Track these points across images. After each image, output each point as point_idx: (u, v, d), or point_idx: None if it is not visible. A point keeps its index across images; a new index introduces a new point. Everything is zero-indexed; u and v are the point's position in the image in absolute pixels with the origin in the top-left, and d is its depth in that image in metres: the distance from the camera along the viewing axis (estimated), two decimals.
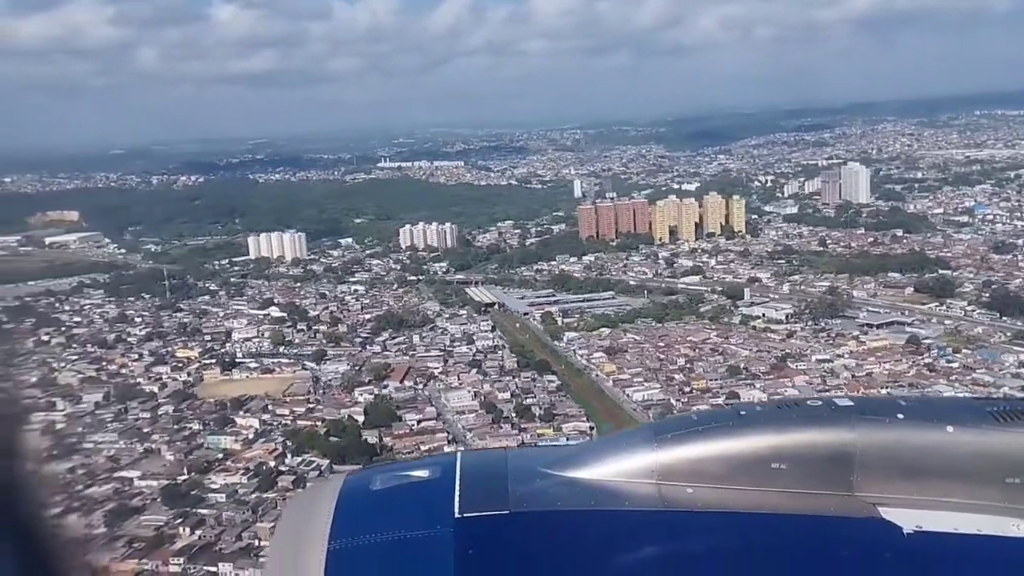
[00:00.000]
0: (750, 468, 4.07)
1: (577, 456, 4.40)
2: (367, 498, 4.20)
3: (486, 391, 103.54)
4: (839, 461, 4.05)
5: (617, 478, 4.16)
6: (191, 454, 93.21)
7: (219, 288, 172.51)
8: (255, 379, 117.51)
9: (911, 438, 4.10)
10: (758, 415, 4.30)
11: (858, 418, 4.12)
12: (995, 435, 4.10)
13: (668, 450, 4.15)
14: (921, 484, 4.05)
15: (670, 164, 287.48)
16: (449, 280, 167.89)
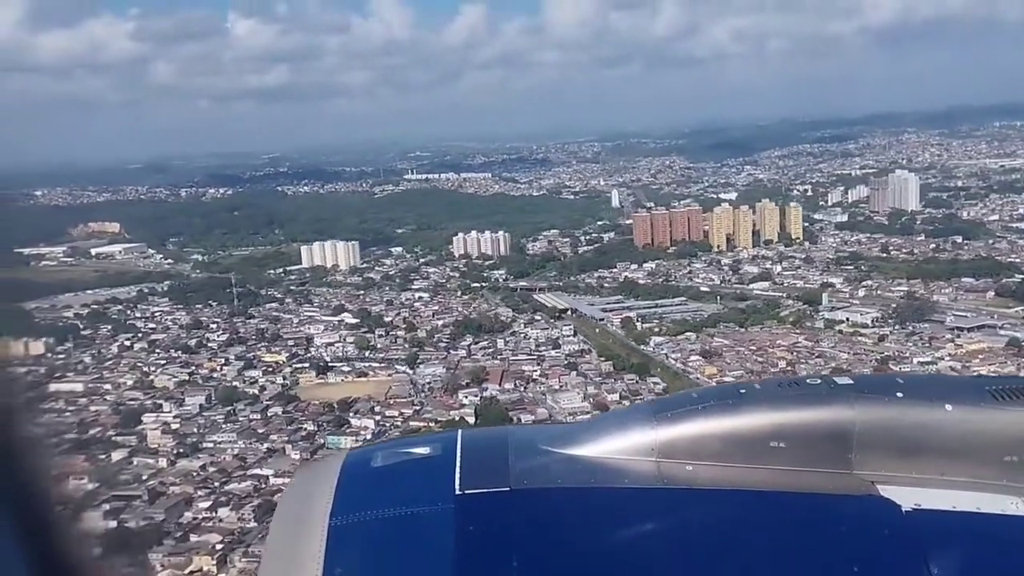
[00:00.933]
0: (749, 446, 4.12)
1: (577, 434, 4.45)
2: (368, 475, 4.28)
3: (591, 392, 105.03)
4: (838, 439, 4.10)
5: (617, 456, 4.20)
6: (315, 453, 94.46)
7: (283, 295, 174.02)
8: (350, 382, 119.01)
9: (910, 416, 4.15)
10: (757, 393, 4.37)
11: (857, 396, 4.16)
12: (993, 413, 4.15)
13: (668, 428, 4.20)
14: (919, 462, 4.11)
15: (698, 175, 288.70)
16: (513, 287, 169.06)
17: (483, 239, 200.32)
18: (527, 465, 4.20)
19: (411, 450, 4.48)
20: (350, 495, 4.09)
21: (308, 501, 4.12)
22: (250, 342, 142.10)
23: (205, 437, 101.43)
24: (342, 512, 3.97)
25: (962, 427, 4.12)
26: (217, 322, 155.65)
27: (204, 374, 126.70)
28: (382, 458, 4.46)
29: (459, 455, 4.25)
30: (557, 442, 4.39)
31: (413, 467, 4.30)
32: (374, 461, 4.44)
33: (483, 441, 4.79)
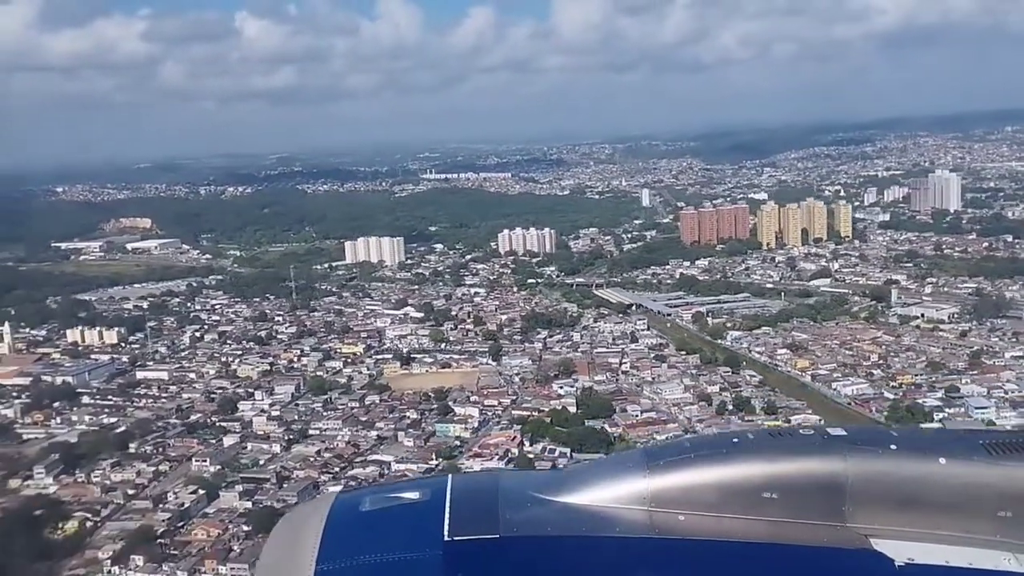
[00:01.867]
0: (742, 496, 4.07)
1: (568, 481, 4.44)
2: (356, 519, 4.22)
3: (689, 384, 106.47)
4: (831, 491, 4.05)
5: (609, 504, 4.15)
6: (428, 440, 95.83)
7: (338, 290, 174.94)
8: (435, 373, 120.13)
9: (903, 469, 4.09)
10: (751, 443, 4.33)
11: (850, 448, 4.12)
12: (987, 468, 4.10)
13: (660, 477, 4.16)
14: (913, 516, 4.05)
15: (719, 176, 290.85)
16: (569, 283, 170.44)
17: (528, 236, 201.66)
18: (517, 512, 4.13)
19: (400, 495, 4.41)
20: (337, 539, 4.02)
21: (295, 545, 4.05)
22: (320, 334, 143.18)
23: (310, 424, 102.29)
24: (329, 557, 3.89)
25: (956, 481, 4.07)
26: (281, 315, 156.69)
27: (284, 365, 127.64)
28: (370, 503, 4.38)
29: (448, 501, 4.18)
30: (547, 489, 4.34)
31: (402, 512, 4.24)
32: (362, 505, 4.36)
33: (473, 487, 4.72)
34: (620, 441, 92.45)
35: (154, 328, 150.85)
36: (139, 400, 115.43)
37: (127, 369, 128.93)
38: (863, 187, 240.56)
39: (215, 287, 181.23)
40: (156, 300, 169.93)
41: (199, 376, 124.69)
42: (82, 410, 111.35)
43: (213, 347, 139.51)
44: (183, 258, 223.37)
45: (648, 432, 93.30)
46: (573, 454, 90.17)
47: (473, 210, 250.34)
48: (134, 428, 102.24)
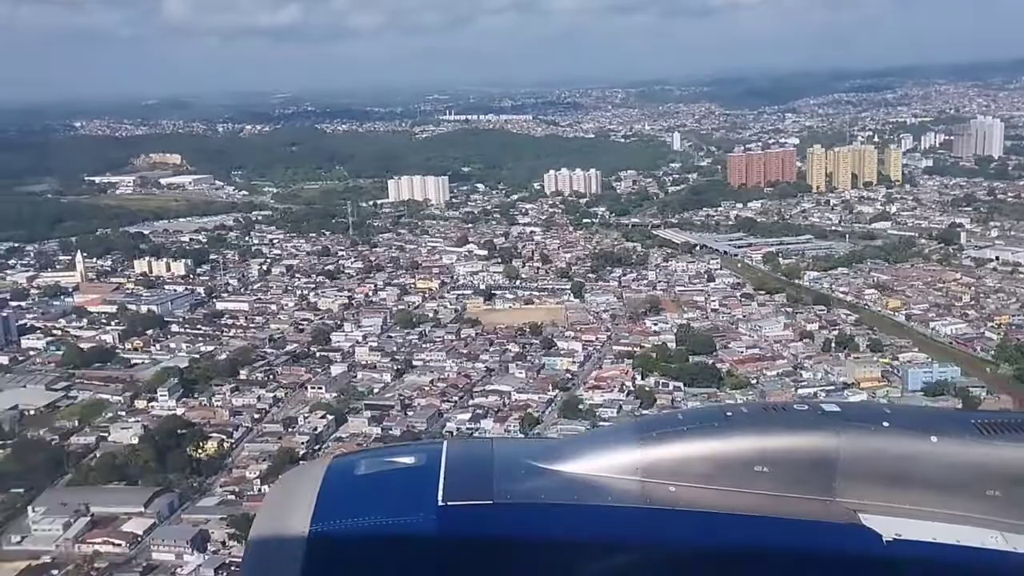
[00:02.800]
0: (733, 469, 4.11)
1: (562, 450, 4.48)
2: (351, 482, 4.24)
3: (785, 322, 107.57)
4: (822, 466, 4.09)
5: (601, 473, 4.20)
6: (540, 372, 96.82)
7: (392, 227, 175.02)
8: (519, 309, 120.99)
9: (894, 446, 4.14)
10: (744, 417, 4.36)
11: (843, 424, 4.16)
12: (977, 447, 4.14)
13: (653, 448, 4.20)
14: (902, 492, 4.09)
15: (742, 121, 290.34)
16: (624, 223, 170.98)
17: (575, 177, 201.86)
18: (511, 479, 4.18)
19: (395, 459, 4.46)
20: (332, 502, 4.07)
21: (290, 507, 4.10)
22: (388, 269, 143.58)
23: (412, 355, 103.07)
24: (323, 519, 3.95)
25: (946, 459, 4.12)
26: (343, 250, 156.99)
27: (361, 299, 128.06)
28: (366, 466, 4.41)
29: (443, 466, 4.23)
30: (542, 457, 4.39)
31: (396, 476, 4.29)
32: (357, 469, 4.39)
33: (468, 453, 4.82)
34: (729, 376, 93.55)
35: (218, 260, 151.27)
36: (228, 330, 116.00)
37: (204, 300, 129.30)
38: (894, 133, 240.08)
39: (266, 222, 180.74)
40: (211, 234, 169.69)
41: (280, 308, 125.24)
42: (177, 337, 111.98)
43: (284, 280, 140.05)
44: (219, 194, 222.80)
45: (757, 368, 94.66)
46: (685, 387, 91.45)
47: (503, 151, 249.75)
48: (237, 355, 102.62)
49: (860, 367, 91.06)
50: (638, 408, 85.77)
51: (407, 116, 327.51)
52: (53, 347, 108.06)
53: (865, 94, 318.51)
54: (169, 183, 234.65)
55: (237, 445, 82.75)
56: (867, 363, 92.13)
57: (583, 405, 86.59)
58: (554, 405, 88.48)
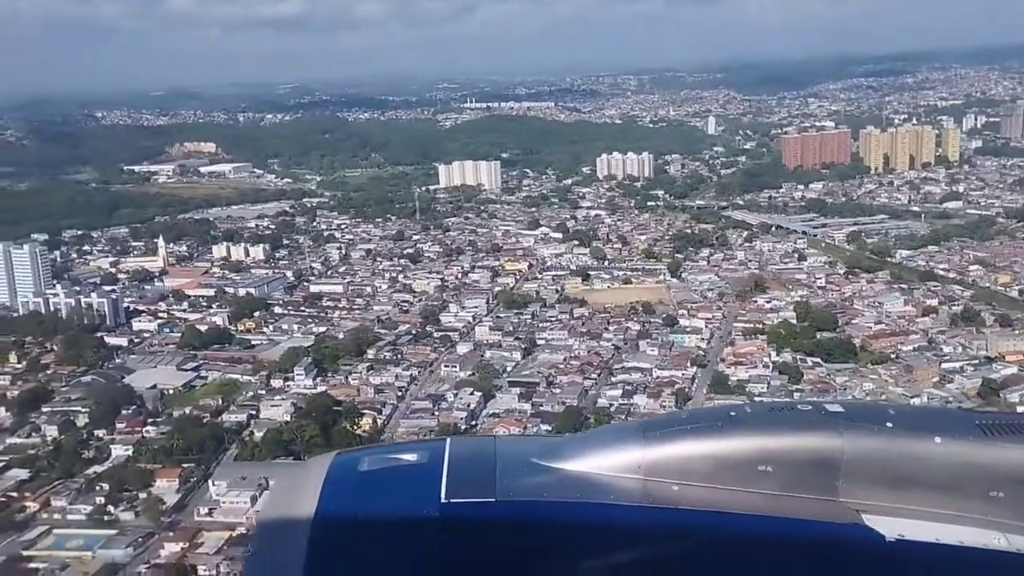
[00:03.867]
0: (737, 469, 4.12)
1: (566, 448, 4.48)
2: (355, 479, 4.26)
3: (904, 298, 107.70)
4: (825, 466, 4.10)
5: (604, 472, 4.21)
6: (671, 349, 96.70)
7: (455, 211, 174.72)
8: (619, 289, 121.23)
9: (898, 447, 4.13)
10: (748, 417, 4.37)
11: (846, 424, 4.16)
12: (981, 448, 4.14)
13: (656, 447, 4.21)
14: (905, 493, 4.09)
15: (765, 106, 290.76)
16: (689, 205, 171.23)
17: (628, 160, 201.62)
18: (514, 477, 4.20)
19: (399, 456, 4.48)
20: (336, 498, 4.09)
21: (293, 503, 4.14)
22: (468, 252, 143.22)
23: (534, 334, 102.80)
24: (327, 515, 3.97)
25: (949, 460, 4.12)
26: (415, 234, 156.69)
27: (452, 281, 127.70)
28: (369, 462, 4.43)
29: (446, 463, 4.25)
30: (545, 455, 4.40)
31: (400, 473, 4.31)
32: (361, 465, 4.40)
33: (471, 450, 4.79)
34: (863, 351, 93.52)
35: (293, 245, 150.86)
36: (332, 311, 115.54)
37: (295, 283, 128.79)
38: (929, 116, 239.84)
39: (326, 208, 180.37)
40: (274, 220, 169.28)
41: (375, 290, 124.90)
42: (288, 319, 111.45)
43: (367, 263, 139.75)
44: (261, 182, 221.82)
45: (891, 343, 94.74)
46: (823, 361, 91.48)
47: (537, 137, 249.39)
48: (357, 336, 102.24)
49: (1003, 340, 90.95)
50: (786, 383, 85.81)
51: (424, 104, 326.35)
52: (166, 329, 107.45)
53: (884, 79, 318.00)
54: (209, 171, 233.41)
55: (389, 421, 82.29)
56: (1008, 336, 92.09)
57: (730, 381, 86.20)
58: (698, 381, 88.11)
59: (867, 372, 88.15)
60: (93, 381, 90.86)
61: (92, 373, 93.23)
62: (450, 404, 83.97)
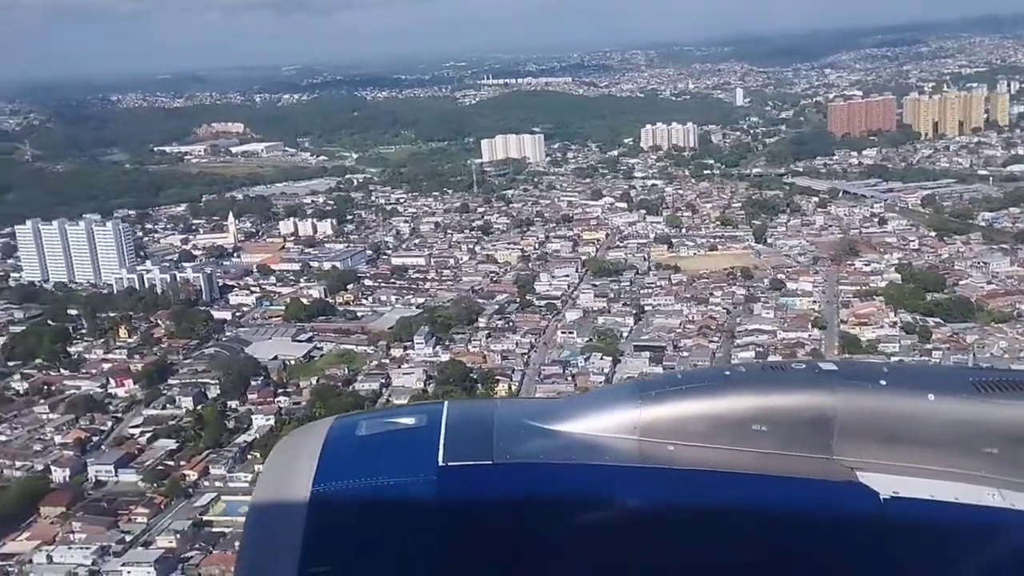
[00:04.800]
0: (731, 428, 4.14)
1: (562, 410, 4.50)
2: (352, 444, 4.28)
3: (1010, 258, 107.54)
4: (819, 424, 4.11)
5: (600, 433, 4.23)
6: (786, 312, 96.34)
7: (510, 184, 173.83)
8: (705, 255, 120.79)
9: (892, 404, 4.15)
10: (742, 376, 4.40)
11: (840, 383, 4.19)
12: (975, 405, 4.15)
13: (651, 407, 4.22)
14: (900, 450, 4.11)
15: (784, 78, 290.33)
16: (745, 173, 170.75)
17: (674, 131, 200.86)
18: (511, 439, 4.21)
19: (396, 420, 4.49)
20: (333, 463, 4.10)
21: (291, 468, 4.15)
22: (537, 223, 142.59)
23: (639, 300, 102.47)
24: (325, 480, 3.98)
25: (944, 417, 4.13)
26: (479, 206, 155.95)
27: (532, 251, 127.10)
28: (367, 427, 4.44)
29: (443, 427, 4.26)
30: (542, 417, 4.42)
31: (397, 437, 4.33)
32: (358, 430, 4.41)
33: (468, 414, 4.84)
34: (980, 311, 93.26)
35: (356, 219, 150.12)
36: (423, 283, 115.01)
37: (374, 256, 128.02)
38: (958, 82, 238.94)
39: (379, 183, 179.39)
40: (329, 195, 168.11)
41: (456, 261, 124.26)
42: (383, 290, 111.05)
43: (438, 236, 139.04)
44: (296, 160, 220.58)
45: (1009, 302, 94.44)
46: (944, 321, 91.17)
47: (565, 111, 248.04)
48: (461, 305, 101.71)
49: None
50: (917, 342, 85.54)
51: (438, 83, 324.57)
52: (265, 302, 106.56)
53: (897, 48, 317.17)
54: (242, 151, 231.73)
55: (521, 386, 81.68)
56: None
57: (861, 342, 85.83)
58: (823, 343, 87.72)
59: (992, 330, 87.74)
60: (216, 353, 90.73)
61: (214, 345, 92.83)
62: (582, 368, 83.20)
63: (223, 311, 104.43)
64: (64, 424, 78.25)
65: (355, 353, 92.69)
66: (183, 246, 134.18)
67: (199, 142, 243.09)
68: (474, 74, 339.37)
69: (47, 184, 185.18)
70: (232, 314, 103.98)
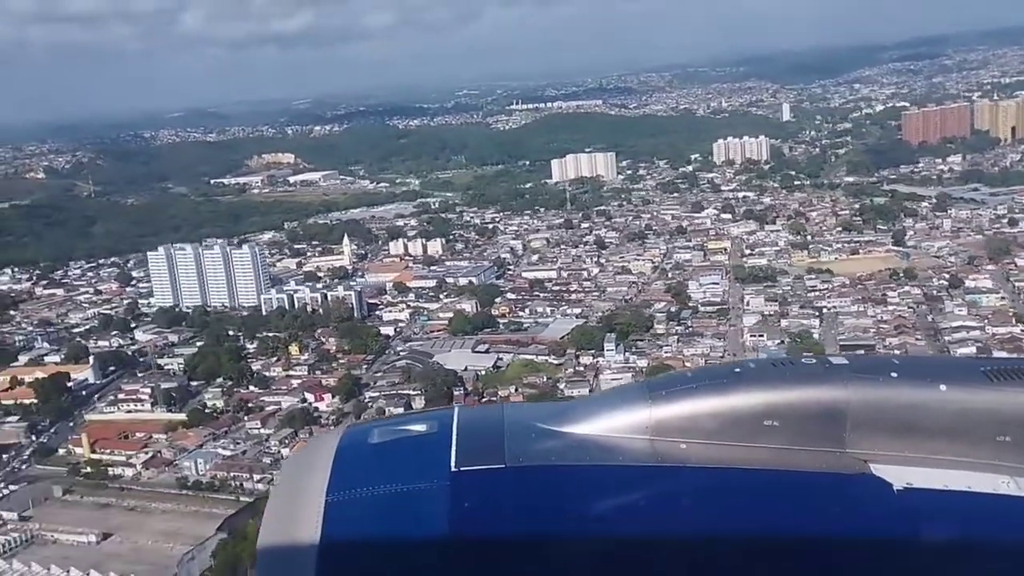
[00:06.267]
0: (743, 424, 4.13)
1: (573, 412, 4.49)
2: (365, 452, 4.30)
3: None
4: (831, 418, 4.11)
5: (612, 433, 4.22)
6: (978, 309, 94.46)
7: (596, 201, 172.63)
8: (847, 260, 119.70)
9: (903, 396, 4.15)
10: (753, 372, 4.39)
11: (851, 376, 4.19)
12: (987, 394, 4.15)
13: (662, 406, 4.22)
14: (912, 441, 4.10)
15: (815, 93, 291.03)
16: (834, 183, 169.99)
17: (748, 144, 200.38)
18: (522, 442, 4.18)
19: (407, 427, 4.46)
20: (347, 471, 4.07)
21: (305, 477, 4.12)
22: (649, 236, 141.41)
23: (812, 303, 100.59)
24: (338, 488, 3.95)
25: (955, 407, 4.10)
26: (582, 222, 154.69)
27: (659, 262, 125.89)
28: (379, 435, 4.40)
29: (455, 432, 4.22)
30: (552, 420, 4.38)
31: (409, 444, 4.28)
32: (371, 438, 4.39)
33: (479, 419, 4.83)
34: None
35: (460, 238, 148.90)
36: (568, 294, 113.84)
37: (499, 272, 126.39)
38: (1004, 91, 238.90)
39: (463, 205, 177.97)
40: (418, 217, 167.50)
41: (589, 274, 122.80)
42: (535, 302, 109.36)
43: (553, 251, 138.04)
44: (355, 187, 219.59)
45: None
46: None
47: (608, 132, 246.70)
48: (632, 313, 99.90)
49: None
50: None
51: (460, 110, 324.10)
52: (422, 317, 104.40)
53: (920, 62, 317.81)
54: (300, 180, 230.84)
55: None
56: None
57: None
58: None
59: None
60: (408, 365, 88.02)
61: (404, 358, 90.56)
62: None
63: (384, 327, 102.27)
64: (285, 437, 77.33)
65: (538, 363, 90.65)
66: (298, 270, 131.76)
67: (252, 173, 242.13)
68: (494, 101, 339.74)
69: (127, 216, 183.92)
70: (394, 330, 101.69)
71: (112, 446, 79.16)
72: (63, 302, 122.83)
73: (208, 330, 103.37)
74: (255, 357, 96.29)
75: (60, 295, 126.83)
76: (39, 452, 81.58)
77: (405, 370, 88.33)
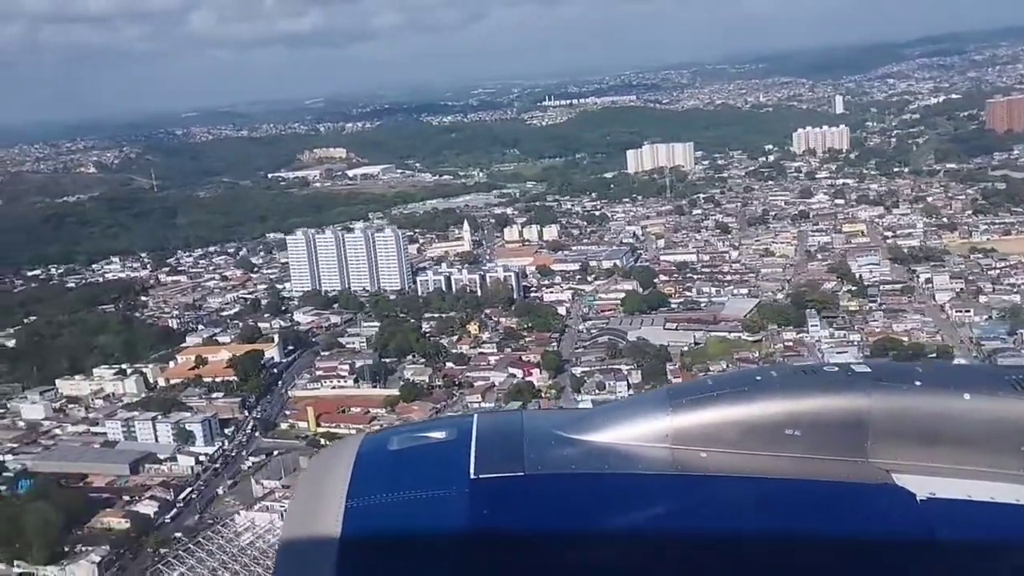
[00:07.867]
0: (764, 433, 4.00)
1: (592, 419, 4.35)
2: (384, 458, 4.20)
3: None
4: (854, 427, 3.97)
5: (631, 442, 4.10)
6: None
7: (691, 190, 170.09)
8: (1000, 240, 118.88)
9: (927, 405, 4.00)
10: (774, 380, 4.23)
11: (874, 384, 4.03)
12: (1012, 403, 4.00)
13: (682, 415, 4.09)
14: (936, 451, 3.95)
15: (852, 89, 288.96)
16: (934, 169, 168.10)
17: (829, 134, 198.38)
18: (541, 450, 4.06)
19: (427, 434, 4.35)
20: (366, 478, 3.98)
21: (325, 484, 4.04)
22: (770, 220, 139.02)
23: (999, 279, 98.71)
24: (358, 495, 3.87)
25: (979, 416, 3.92)
26: (694, 209, 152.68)
27: (796, 245, 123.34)
28: (398, 442, 4.31)
29: (474, 440, 4.11)
30: (571, 427, 4.24)
31: (428, 451, 4.18)
32: (390, 445, 4.28)
33: (498, 426, 4.59)
34: None
35: (570, 225, 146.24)
36: (722, 275, 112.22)
37: (634, 254, 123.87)
38: None
39: (553, 194, 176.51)
40: (512, 207, 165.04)
41: (729, 257, 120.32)
42: (699, 283, 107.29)
43: (676, 236, 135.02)
44: (416, 180, 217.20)
45: None
46: None
47: (658, 126, 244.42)
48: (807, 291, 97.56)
49: None
50: None
51: (487, 108, 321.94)
52: (590, 298, 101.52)
53: (946, 58, 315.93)
54: (360, 173, 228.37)
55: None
56: None
57: None
58: None
59: None
60: (610, 341, 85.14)
61: (606, 333, 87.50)
62: None
63: (558, 306, 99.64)
64: (515, 410, 72.77)
65: (731, 339, 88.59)
66: (420, 255, 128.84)
67: (306, 168, 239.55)
68: (518, 98, 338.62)
69: (206, 208, 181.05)
70: (564, 309, 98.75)
71: (335, 419, 77.88)
72: (192, 288, 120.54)
73: (375, 310, 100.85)
74: (435, 336, 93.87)
75: (184, 282, 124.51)
76: (261, 426, 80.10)
77: (609, 346, 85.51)
